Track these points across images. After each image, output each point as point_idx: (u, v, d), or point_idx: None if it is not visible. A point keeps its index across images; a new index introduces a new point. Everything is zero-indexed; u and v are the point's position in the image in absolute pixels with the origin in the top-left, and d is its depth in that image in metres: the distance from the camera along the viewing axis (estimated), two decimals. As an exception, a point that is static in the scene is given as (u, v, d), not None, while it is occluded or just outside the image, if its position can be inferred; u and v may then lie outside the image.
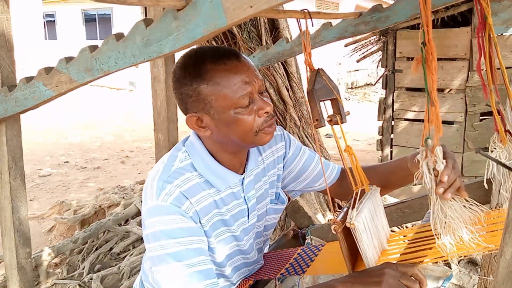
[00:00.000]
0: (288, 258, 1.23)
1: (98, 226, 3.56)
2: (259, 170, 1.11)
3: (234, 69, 0.90)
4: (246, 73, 0.92)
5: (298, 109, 3.66)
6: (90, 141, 7.69)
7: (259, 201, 1.10)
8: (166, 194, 0.91)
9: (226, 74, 0.90)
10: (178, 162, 0.98)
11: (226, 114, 0.91)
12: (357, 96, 12.91)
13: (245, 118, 0.92)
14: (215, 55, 0.91)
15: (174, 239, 0.89)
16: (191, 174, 0.96)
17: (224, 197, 1.01)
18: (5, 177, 1.45)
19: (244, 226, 1.06)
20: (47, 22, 15.93)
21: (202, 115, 0.94)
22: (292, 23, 1.63)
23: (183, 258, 0.89)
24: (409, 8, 1.56)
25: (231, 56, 0.92)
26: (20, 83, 1.27)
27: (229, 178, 1.01)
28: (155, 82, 1.73)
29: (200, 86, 0.91)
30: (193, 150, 1.00)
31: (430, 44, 0.71)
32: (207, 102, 0.91)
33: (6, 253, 1.52)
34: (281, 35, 3.34)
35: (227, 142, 0.96)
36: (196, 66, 0.91)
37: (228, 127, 0.93)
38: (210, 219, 0.97)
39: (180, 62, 0.95)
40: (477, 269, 2.62)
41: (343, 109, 0.99)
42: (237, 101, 0.90)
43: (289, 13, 1.23)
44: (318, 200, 3.56)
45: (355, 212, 0.87)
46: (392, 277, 0.81)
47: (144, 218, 0.93)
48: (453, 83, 3.85)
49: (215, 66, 0.90)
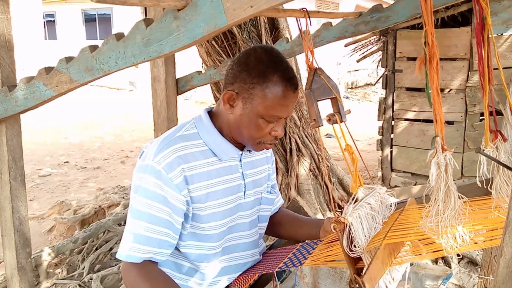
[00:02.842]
0: (286, 253, 1.23)
1: (98, 226, 3.56)
2: (255, 159, 1.22)
3: (288, 94, 1.04)
4: (291, 104, 1.06)
5: (298, 109, 3.66)
6: (90, 141, 7.69)
7: (255, 184, 1.21)
8: (163, 157, 1.03)
9: (280, 93, 1.02)
10: (183, 130, 1.10)
11: (254, 114, 1.04)
12: (357, 96, 12.91)
13: (262, 128, 1.06)
14: (285, 74, 1.03)
15: (147, 198, 1.02)
16: (195, 142, 1.08)
17: (224, 167, 1.12)
18: (5, 177, 1.45)
19: (240, 200, 1.15)
20: (47, 22, 15.93)
21: (238, 99, 1.05)
22: (292, 23, 1.63)
23: (141, 218, 1.03)
24: (409, 8, 1.56)
25: (292, 85, 1.04)
26: (20, 83, 1.27)
27: (230, 150, 1.12)
28: (155, 82, 1.73)
29: (258, 84, 1.02)
30: (200, 122, 1.12)
31: (433, 44, 0.71)
32: (251, 98, 1.03)
33: (6, 253, 1.52)
34: (281, 35, 3.35)
35: (236, 130, 1.09)
36: (268, 67, 1.02)
37: (246, 123, 1.06)
38: (206, 187, 1.07)
39: (259, 52, 1.04)
40: (477, 269, 2.62)
41: (342, 108, 0.99)
42: (269, 115, 1.04)
43: (288, 12, 1.24)
44: (318, 200, 3.56)
45: (351, 208, 0.88)
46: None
47: (136, 169, 1.07)
48: (453, 83, 3.85)
49: (280, 82, 1.02)
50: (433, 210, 0.85)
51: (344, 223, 0.88)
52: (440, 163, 0.81)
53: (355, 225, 0.87)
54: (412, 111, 4.10)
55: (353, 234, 0.87)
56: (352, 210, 0.88)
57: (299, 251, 1.22)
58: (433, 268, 1.30)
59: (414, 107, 4.08)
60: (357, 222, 0.88)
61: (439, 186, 0.82)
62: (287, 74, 1.04)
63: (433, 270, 1.30)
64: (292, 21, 1.36)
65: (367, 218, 0.92)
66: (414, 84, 4.05)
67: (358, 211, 0.89)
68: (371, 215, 0.93)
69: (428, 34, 0.70)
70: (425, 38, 0.71)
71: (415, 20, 3.42)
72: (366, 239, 0.91)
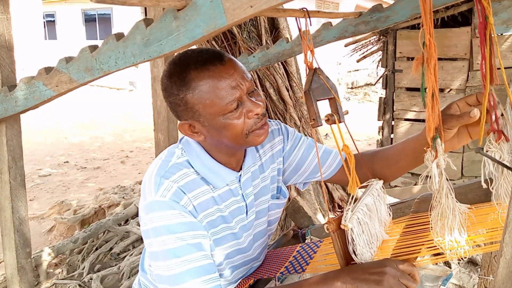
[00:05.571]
0: (287, 256, 1.22)
1: (98, 226, 3.56)
2: (256, 167, 1.10)
3: (219, 74, 0.88)
4: (232, 77, 0.89)
5: (298, 109, 3.66)
6: (90, 141, 7.69)
7: (257, 197, 1.10)
8: (165, 190, 0.90)
9: (211, 81, 0.88)
10: (175, 158, 0.97)
11: (215, 120, 0.91)
12: (357, 96, 12.91)
13: (234, 123, 0.90)
14: (198, 61, 0.89)
15: (175, 234, 0.88)
16: (188, 170, 0.96)
17: (221, 194, 1.01)
18: (5, 177, 1.45)
19: (242, 223, 1.06)
20: (47, 22, 15.93)
21: (193, 122, 0.94)
22: (292, 23, 1.63)
23: (183, 254, 0.88)
24: (409, 8, 1.56)
25: (214, 61, 0.89)
26: (20, 83, 1.27)
27: (226, 176, 1.00)
28: (155, 82, 1.73)
29: (186, 95, 0.89)
30: (188, 147, 1.00)
31: (431, 45, 0.71)
32: (195, 111, 0.91)
33: (6, 253, 1.52)
34: (281, 35, 3.34)
35: (221, 145, 0.97)
36: (180, 74, 0.90)
37: (219, 132, 0.92)
38: (208, 216, 0.97)
39: (166, 70, 0.94)
40: (477, 269, 2.62)
41: (341, 109, 0.99)
42: (225, 107, 0.89)
43: (288, 12, 1.24)
44: (318, 200, 3.56)
45: (350, 213, 0.87)
46: (393, 277, 0.80)
47: (143, 213, 0.93)
48: (453, 83, 3.85)
49: (199, 73, 0.88)
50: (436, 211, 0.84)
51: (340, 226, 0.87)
52: (441, 165, 0.80)
53: (356, 231, 0.86)
54: (412, 111, 4.10)
55: (351, 240, 0.86)
56: (351, 214, 0.87)
57: (300, 254, 1.21)
58: (433, 268, 1.30)
59: (414, 107, 4.08)
60: (358, 227, 0.87)
61: (441, 188, 0.82)
62: (201, 58, 0.89)
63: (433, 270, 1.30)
64: (292, 21, 1.36)
65: (367, 220, 0.91)
66: (414, 84, 4.05)
67: (357, 215, 0.88)
68: (370, 215, 0.93)
69: (427, 35, 0.70)
70: (423, 39, 0.71)
71: (415, 20, 3.42)
72: (367, 244, 0.90)
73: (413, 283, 0.81)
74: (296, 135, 1.19)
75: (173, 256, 0.88)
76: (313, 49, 0.96)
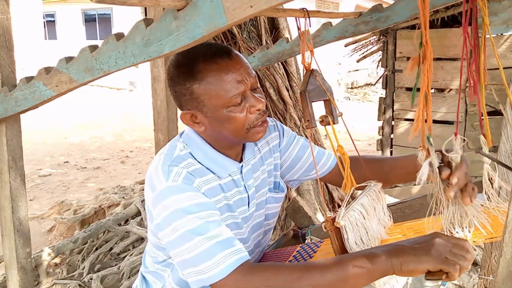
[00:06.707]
0: (287, 256, 1.23)
1: (98, 226, 3.56)
2: (256, 160, 1.12)
3: (226, 68, 0.91)
4: (238, 72, 0.93)
5: (298, 109, 3.66)
6: (90, 141, 7.68)
7: (257, 190, 1.11)
8: (175, 175, 0.91)
9: (218, 74, 0.91)
10: (178, 151, 0.99)
11: (218, 112, 0.93)
12: (357, 96, 12.91)
13: (237, 116, 0.94)
14: (207, 53, 0.92)
15: (193, 214, 0.87)
16: (193, 160, 0.98)
17: (226, 183, 1.02)
18: (5, 177, 1.45)
19: (244, 214, 1.07)
20: (47, 22, 15.92)
21: (195, 112, 0.96)
22: (292, 23, 1.63)
23: (205, 231, 0.86)
24: (409, 8, 1.56)
25: (223, 55, 0.92)
26: (20, 83, 1.27)
27: (229, 165, 1.02)
28: (155, 82, 1.73)
29: (193, 85, 0.92)
30: (190, 141, 1.01)
31: (427, 45, 0.71)
32: (200, 101, 0.93)
33: (6, 253, 1.52)
34: (281, 35, 3.34)
35: (221, 137, 0.99)
36: (188, 65, 0.93)
37: (220, 124, 0.95)
38: (216, 203, 0.97)
39: (174, 60, 0.97)
40: (477, 269, 2.62)
41: (335, 110, 0.99)
42: (229, 100, 0.92)
43: (288, 12, 1.24)
44: (318, 200, 3.56)
45: (343, 210, 0.88)
46: (444, 246, 0.77)
47: (155, 204, 0.91)
48: (453, 83, 3.85)
49: (207, 65, 0.91)
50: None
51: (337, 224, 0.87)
52: (434, 163, 0.81)
53: (348, 228, 0.87)
54: (412, 111, 4.10)
55: (345, 237, 0.87)
56: (345, 212, 0.87)
57: (300, 254, 1.22)
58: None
59: (414, 107, 4.08)
60: (350, 225, 0.88)
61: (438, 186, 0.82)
62: (210, 51, 0.92)
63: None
64: (292, 21, 1.36)
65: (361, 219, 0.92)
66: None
67: (351, 213, 0.89)
68: (366, 214, 0.93)
69: (424, 35, 0.69)
70: (419, 39, 0.71)
71: (415, 20, 3.42)
72: (363, 242, 0.91)
73: (466, 253, 0.76)
74: (291, 134, 1.22)
75: (195, 234, 0.86)
76: (313, 49, 0.96)
